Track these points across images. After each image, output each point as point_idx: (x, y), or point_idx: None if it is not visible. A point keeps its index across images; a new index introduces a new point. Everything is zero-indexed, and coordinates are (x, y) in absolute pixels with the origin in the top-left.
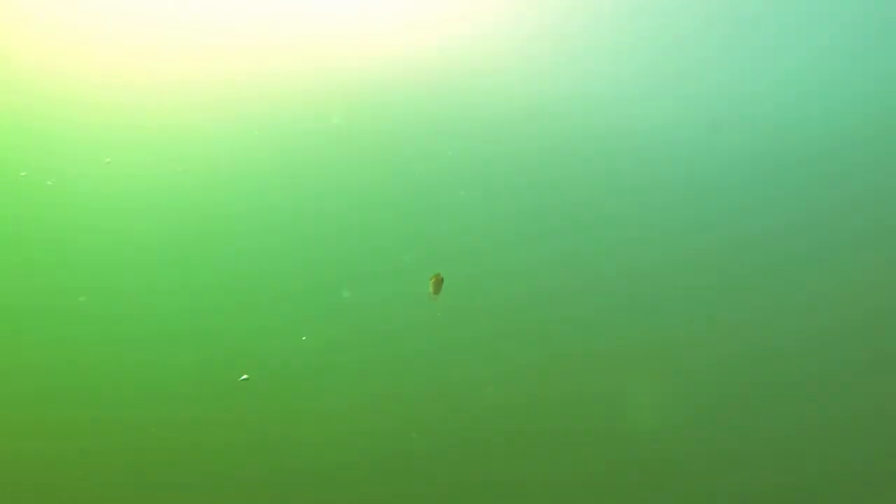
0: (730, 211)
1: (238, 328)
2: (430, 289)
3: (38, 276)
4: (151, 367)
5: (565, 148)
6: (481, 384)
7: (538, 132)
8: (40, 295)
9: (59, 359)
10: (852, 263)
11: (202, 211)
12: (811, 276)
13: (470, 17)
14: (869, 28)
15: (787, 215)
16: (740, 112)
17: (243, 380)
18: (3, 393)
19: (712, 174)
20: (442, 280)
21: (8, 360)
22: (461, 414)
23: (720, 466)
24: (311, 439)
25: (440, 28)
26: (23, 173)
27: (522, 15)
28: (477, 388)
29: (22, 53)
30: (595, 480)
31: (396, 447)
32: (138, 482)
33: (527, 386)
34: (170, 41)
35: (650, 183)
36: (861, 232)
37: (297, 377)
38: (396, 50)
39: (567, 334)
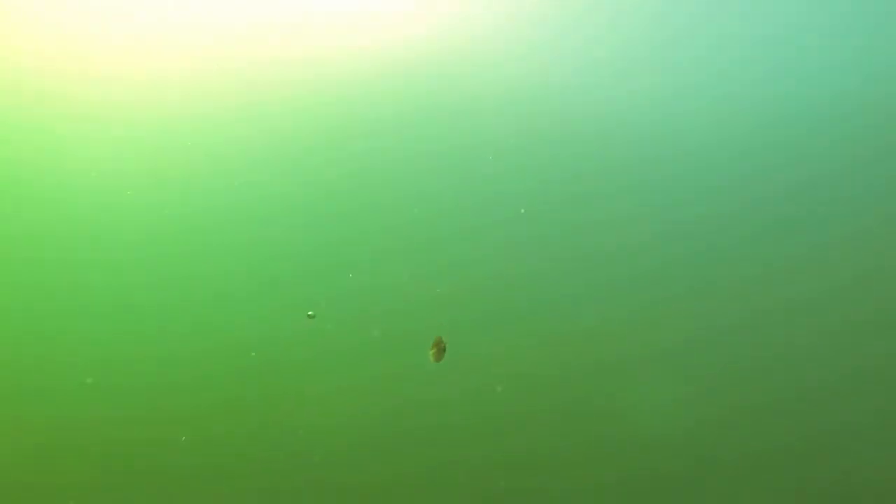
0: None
1: (237, 320)
2: (431, 358)
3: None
4: (153, 362)
5: (541, 135)
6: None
7: (518, 118)
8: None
9: (57, 356)
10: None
11: (202, 208)
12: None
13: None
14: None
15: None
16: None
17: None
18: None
19: (689, 161)
20: (444, 348)
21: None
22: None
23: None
24: (310, 425)
25: (424, 18)
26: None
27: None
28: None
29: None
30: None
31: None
32: (140, 475)
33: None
34: (163, 37)
35: (624, 168)
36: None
37: (294, 367)
38: (377, 42)
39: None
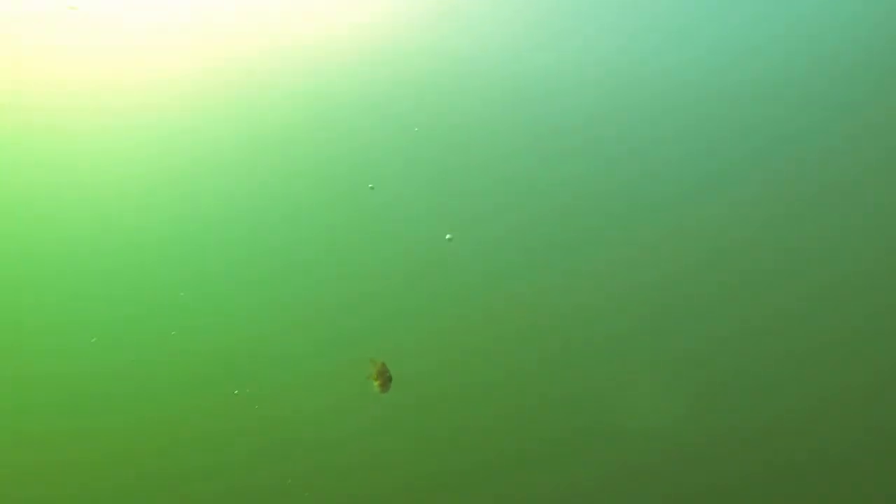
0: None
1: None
2: (377, 389)
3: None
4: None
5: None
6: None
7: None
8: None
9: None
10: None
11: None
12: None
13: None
14: None
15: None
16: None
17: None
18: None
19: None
20: (390, 377)
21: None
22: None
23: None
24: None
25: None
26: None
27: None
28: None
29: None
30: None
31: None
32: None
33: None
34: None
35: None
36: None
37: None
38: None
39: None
